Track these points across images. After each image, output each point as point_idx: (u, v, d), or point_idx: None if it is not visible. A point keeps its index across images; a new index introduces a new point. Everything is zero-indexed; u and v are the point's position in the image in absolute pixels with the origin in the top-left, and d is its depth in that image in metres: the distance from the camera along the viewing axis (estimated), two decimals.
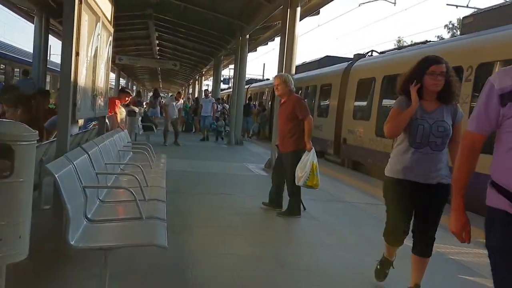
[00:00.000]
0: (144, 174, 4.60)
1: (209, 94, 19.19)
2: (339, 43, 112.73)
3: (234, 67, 19.36)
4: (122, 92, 9.15)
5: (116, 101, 8.21)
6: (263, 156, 13.04)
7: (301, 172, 5.65)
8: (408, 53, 10.60)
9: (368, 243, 5.02)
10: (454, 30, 49.95)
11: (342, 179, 9.78)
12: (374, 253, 4.18)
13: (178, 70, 31.02)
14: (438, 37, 44.47)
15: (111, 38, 6.21)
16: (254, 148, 15.91)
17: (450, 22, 52.90)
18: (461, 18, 9.67)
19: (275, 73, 12.07)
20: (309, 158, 5.65)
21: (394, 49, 12.48)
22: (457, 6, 18.11)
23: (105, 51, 5.73)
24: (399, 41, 52.10)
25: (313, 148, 5.81)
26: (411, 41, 33.86)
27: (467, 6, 18.26)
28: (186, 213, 5.77)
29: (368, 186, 8.96)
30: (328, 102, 14.61)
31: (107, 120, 6.84)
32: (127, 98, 8.84)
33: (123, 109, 11.53)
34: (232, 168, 10.27)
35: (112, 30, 6.23)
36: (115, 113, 7.81)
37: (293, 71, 10.15)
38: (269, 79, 27.88)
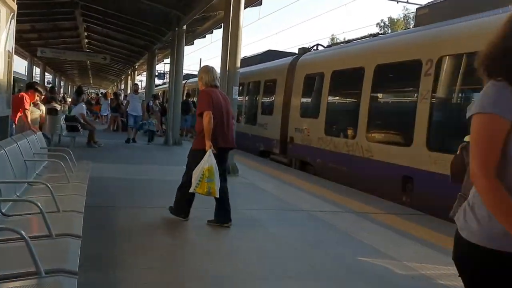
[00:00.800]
0: (54, 195, 3.42)
1: (139, 90, 17.06)
2: (279, 38, 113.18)
3: (170, 61, 18.01)
4: (29, 87, 7.57)
5: (25, 97, 6.76)
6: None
7: (194, 176, 4.96)
8: (359, 46, 9.98)
9: (341, 266, 4.16)
10: (386, 28, 51.36)
11: (293, 181, 8.96)
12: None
13: (109, 64, 29.05)
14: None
15: (13, 17, 4.89)
16: None
17: (382, 20, 54.41)
18: (415, 9, 9.12)
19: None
20: (204, 161, 4.90)
21: (342, 42, 11.89)
22: (397, 1, 18.01)
23: (3, 33, 4.42)
24: (332, 39, 52.74)
25: (211, 150, 4.96)
26: (344, 38, 33.98)
27: (407, 2, 18.21)
28: (112, 240, 4.60)
29: (322, 190, 8.19)
30: (273, 99, 13.78)
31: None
32: (37, 96, 7.35)
33: (42, 107, 9.99)
34: (171, 172, 9.10)
35: (15, 7, 4.90)
36: (24, 113, 6.41)
37: (238, 63, 9.18)
38: None
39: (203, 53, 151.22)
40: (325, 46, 13.05)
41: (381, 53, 8.91)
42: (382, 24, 52.87)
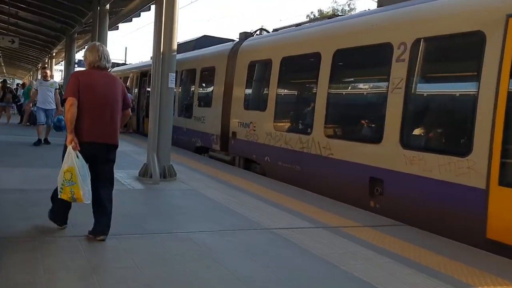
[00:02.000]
0: None
1: (49, 76, 12.44)
2: (211, 25, 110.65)
3: None
4: None
5: None
6: (136, 158, 10.28)
7: (58, 179, 4.24)
8: (314, 29, 8.80)
9: None
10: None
11: (243, 185, 7.62)
12: None
13: (22, 50, 25.93)
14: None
15: None
16: (123, 145, 12.92)
17: (312, 12, 54.37)
18: None
19: (140, 58, 9.25)
20: (64, 161, 4.19)
21: (292, 25, 10.70)
22: None
23: None
24: (261, 30, 51.75)
25: (72, 146, 4.16)
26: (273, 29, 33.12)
27: None
28: None
29: (280, 196, 6.93)
30: (212, 89, 12.32)
31: None
32: None
33: None
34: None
35: None
36: None
37: (174, 46, 7.64)
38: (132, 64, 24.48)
39: (128, 42, 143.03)
40: (271, 30, 11.79)
41: (341, 36, 7.79)
42: (312, 16, 52.81)
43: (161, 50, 7.44)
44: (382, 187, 6.61)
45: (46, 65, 22.34)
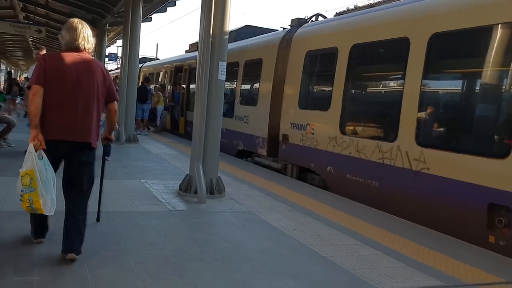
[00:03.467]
0: None
1: None
2: (247, 18, 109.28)
3: (123, 38, 14.44)
4: None
5: None
6: (173, 164, 8.77)
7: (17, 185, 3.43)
8: (399, 9, 7.02)
9: None
10: None
11: (316, 208, 5.98)
12: None
13: (52, 43, 24.98)
14: None
15: None
16: (156, 147, 11.48)
17: (348, 8, 52.19)
18: None
19: (171, 54, 7.70)
20: (24, 162, 3.36)
21: (363, 7, 8.98)
22: None
23: None
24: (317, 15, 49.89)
25: (34, 144, 3.33)
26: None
27: None
28: None
29: (369, 228, 5.25)
30: (258, 85, 10.70)
31: None
32: None
33: None
34: (120, 194, 5.87)
35: None
36: None
37: (227, 27, 6.05)
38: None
39: (159, 38, 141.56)
40: (332, 16, 10.08)
41: (440, 16, 6.04)
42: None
43: (210, 32, 5.84)
44: (509, 218, 4.86)
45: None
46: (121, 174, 7.24)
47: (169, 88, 17.40)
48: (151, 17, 18.81)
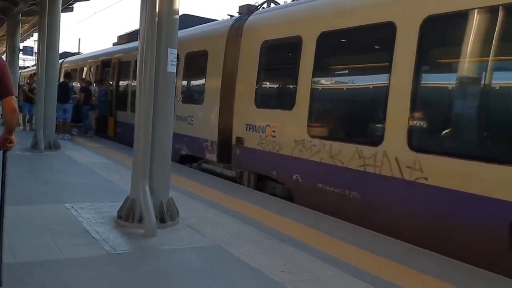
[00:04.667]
0: None
1: None
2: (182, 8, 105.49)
3: (40, 28, 12.33)
4: None
5: None
6: (104, 176, 7.21)
7: None
8: None
9: None
10: None
11: (288, 229, 4.79)
12: None
13: None
14: None
15: None
16: (82, 154, 9.73)
17: None
18: None
19: (95, 48, 6.17)
20: None
21: None
22: None
23: None
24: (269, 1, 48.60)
25: None
26: None
27: None
28: None
29: (376, 261, 4.15)
30: (203, 81, 9.34)
31: None
32: None
33: None
34: (36, 229, 4.32)
35: None
36: None
37: (177, 5, 4.67)
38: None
39: (82, 32, 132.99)
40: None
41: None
42: None
43: (156, 11, 4.43)
44: None
45: None
46: (39, 195, 5.62)
47: (95, 85, 15.46)
48: (72, 7, 16.78)
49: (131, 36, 14.45)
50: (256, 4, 9.04)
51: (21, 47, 17.32)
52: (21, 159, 8.46)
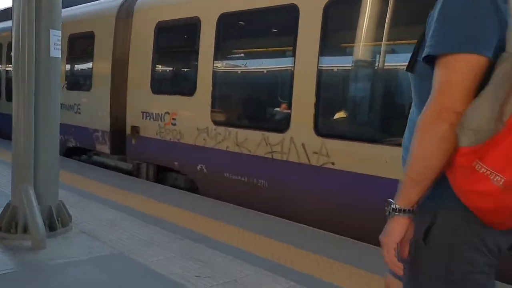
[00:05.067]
0: None
1: None
2: None
3: None
4: None
5: None
6: None
7: None
8: None
9: None
10: None
11: (198, 227, 4.48)
12: None
13: None
14: None
15: None
16: None
17: None
18: None
19: None
20: None
21: None
22: None
23: None
24: None
25: None
26: None
27: None
28: None
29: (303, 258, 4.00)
30: (90, 65, 8.49)
31: None
32: None
33: None
34: None
35: None
36: None
37: None
38: None
39: None
40: None
41: None
42: None
43: None
44: None
45: None
46: None
47: None
48: None
49: (3, 15, 12.80)
50: None
51: None
52: None
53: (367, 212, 4.51)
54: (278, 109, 5.62)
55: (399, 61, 4.57)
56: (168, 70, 7.49)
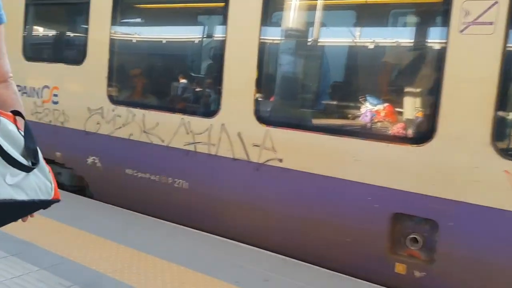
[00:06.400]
0: None
1: None
2: None
3: None
4: None
5: None
6: None
7: None
8: None
9: None
10: None
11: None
12: None
13: None
14: None
15: None
16: None
17: None
18: None
19: None
20: None
21: None
22: None
23: None
24: None
25: None
26: None
27: None
28: None
29: None
30: None
31: None
32: None
33: None
34: None
35: None
36: None
37: None
38: None
39: None
40: None
41: None
42: None
43: None
44: (433, 236, 3.14)
45: None
46: None
47: None
48: None
49: None
50: None
51: None
52: None
53: (328, 228, 3.39)
54: (206, 84, 4.26)
55: None
56: (46, 30, 5.66)
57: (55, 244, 3.21)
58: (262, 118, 3.68)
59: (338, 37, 3.81)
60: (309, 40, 3.90)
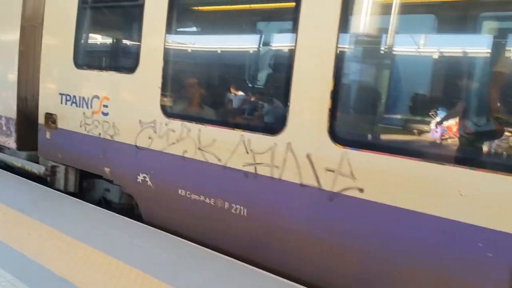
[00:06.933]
0: None
1: None
2: None
3: None
4: None
5: None
6: None
7: None
8: None
9: None
10: None
11: None
12: None
13: None
14: None
15: None
16: None
17: None
18: None
19: None
20: None
21: None
22: None
23: None
24: None
25: None
26: None
27: None
28: None
29: None
30: None
31: None
32: None
33: None
34: None
35: None
36: None
37: None
38: None
39: None
40: None
41: None
42: None
43: None
44: None
45: None
46: None
47: None
48: None
49: None
50: None
51: None
52: None
53: (423, 277, 2.74)
54: (269, 96, 3.73)
55: None
56: (98, 37, 5.36)
57: None
58: (338, 138, 3.09)
59: (442, 45, 3.15)
60: (399, 46, 3.27)
